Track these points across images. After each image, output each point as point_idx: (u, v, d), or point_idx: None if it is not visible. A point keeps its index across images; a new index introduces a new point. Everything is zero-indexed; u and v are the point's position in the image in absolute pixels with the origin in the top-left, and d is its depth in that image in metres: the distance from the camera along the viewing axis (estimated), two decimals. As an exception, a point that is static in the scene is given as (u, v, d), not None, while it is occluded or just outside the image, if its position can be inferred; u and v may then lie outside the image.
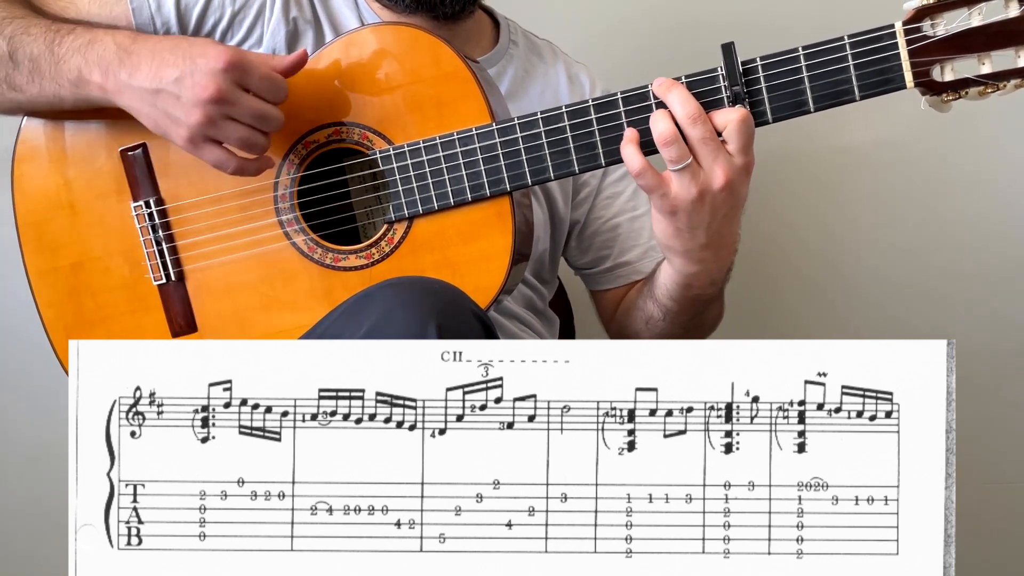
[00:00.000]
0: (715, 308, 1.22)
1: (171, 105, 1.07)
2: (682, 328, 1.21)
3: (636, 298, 1.27)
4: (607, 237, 1.34)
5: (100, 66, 1.09)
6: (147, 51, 1.08)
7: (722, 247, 1.09)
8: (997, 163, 1.70)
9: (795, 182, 1.72)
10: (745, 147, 1.01)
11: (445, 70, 1.12)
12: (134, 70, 1.08)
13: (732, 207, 1.04)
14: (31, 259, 1.22)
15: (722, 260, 1.11)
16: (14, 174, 1.22)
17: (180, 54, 1.06)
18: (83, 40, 1.11)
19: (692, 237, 1.05)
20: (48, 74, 1.12)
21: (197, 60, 1.05)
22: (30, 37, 1.13)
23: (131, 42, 1.10)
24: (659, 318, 1.20)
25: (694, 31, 1.67)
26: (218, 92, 1.05)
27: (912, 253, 1.73)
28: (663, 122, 1.02)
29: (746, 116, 1.01)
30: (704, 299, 1.16)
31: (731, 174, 1.01)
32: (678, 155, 1.01)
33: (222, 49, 1.05)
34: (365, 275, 1.14)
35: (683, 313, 1.18)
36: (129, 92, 1.09)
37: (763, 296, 1.73)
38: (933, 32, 0.98)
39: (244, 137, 1.08)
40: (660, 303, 1.18)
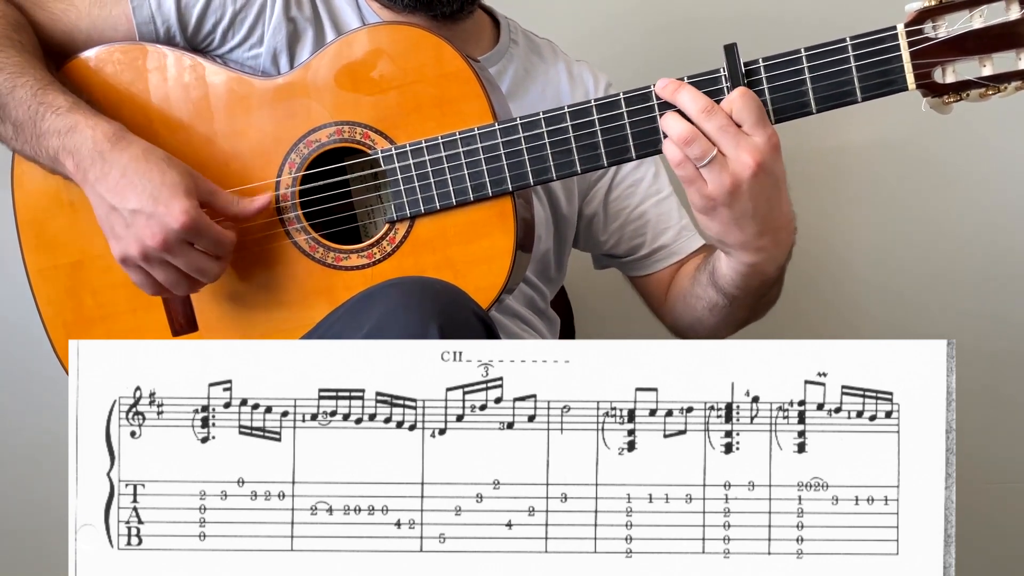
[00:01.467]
0: (777, 287, 1.20)
1: (119, 225, 1.10)
2: (748, 310, 1.20)
3: (691, 285, 1.25)
4: (637, 224, 1.34)
5: (74, 157, 1.10)
6: (120, 166, 1.09)
7: (779, 230, 1.07)
8: (997, 164, 1.71)
9: (795, 182, 1.71)
10: (758, 121, 1.00)
11: (447, 69, 1.12)
12: (102, 177, 1.09)
13: (773, 186, 1.02)
14: (31, 257, 1.22)
15: (782, 242, 1.08)
16: (14, 172, 1.22)
17: (148, 190, 1.08)
18: (64, 124, 1.11)
19: (742, 229, 1.04)
20: (30, 141, 1.13)
21: (159, 207, 1.07)
22: (15, 100, 1.13)
23: (109, 146, 1.10)
24: (724, 304, 1.18)
25: (696, 31, 1.68)
26: (164, 244, 1.08)
27: (912, 253, 1.73)
28: (678, 123, 1.01)
29: (746, 91, 1.00)
30: (769, 282, 1.14)
31: (758, 155, 1.00)
32: (702, 151, 1.00)
33: (187, 208, 1.07)
34: (366, 274, 1.14)
35: (749, 297, 1.16)
36: (92, 192, 1.11)
37: (763, 296, 1.73)
38: (935, 34, 0.98)
39: (173, 281, 1.12)
40: (725, 291, 1.16)
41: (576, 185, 1.34)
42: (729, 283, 1.14)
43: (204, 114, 1.17)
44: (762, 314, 1.24)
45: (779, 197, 1.05)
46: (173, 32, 1.21)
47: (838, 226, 1.73)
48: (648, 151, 1.06)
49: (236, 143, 1.16)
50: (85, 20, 1.21)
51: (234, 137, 1.16)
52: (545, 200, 1.30)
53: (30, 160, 1.16)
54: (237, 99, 1.17)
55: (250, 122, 1.16)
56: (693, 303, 1.25)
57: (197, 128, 1.17)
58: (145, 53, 1.19)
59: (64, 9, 1.21)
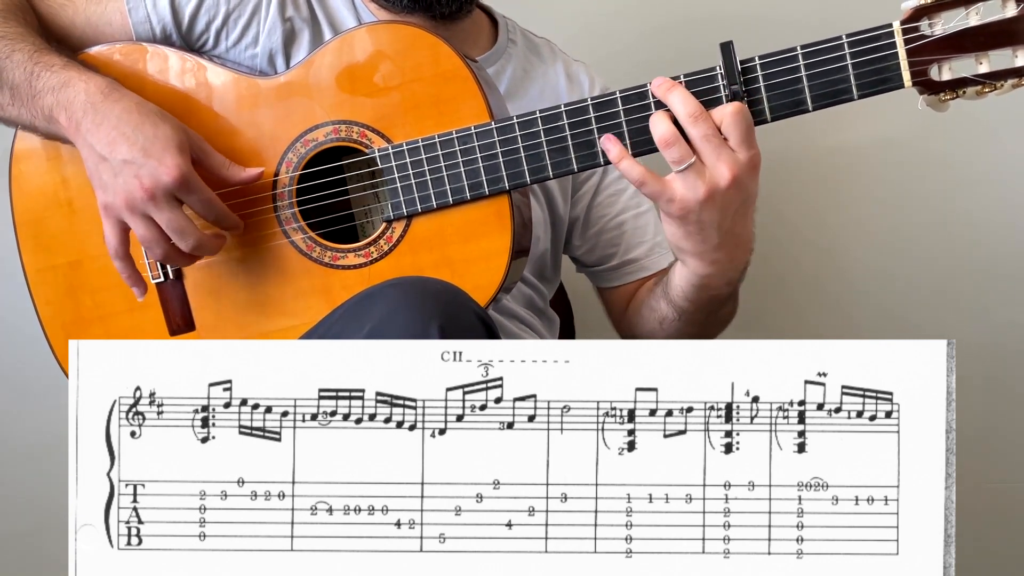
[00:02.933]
0: (729, 306, 1.21)
1: (107, 175, 1.09)
2: (698, 327, 1.20)
3: (647, 297, 1.26)
4: (613, 235, 1.34)
5: (68, 110, 1.10)
6: (113, 116, 1.09)
7: (736, 246, 1.07)
8: (996, 162, 1.71)
9: (794, 182, 1.72)
10: (745, 139, 1.01)
11: (444, 69, 1.11)
12: (93, 128, 1.09)
13: (743, 203, 1.03)
14: (29, 257, 1.22)
15: (737, 260, 1.09)
16: (12, 173, 1.22)
17: (140, 140, 1.07)
18: (59, 80, 1.11)
19: (704, 239, 1.04)
20: (25, 104, 1.13)
21: (150, 159, 1.06)
22: (12, 63, 1.13)
23: (102, 98, 1.10)
24: (674, 318, 1.19)
25: (693, 30, 1.67)
26: (151, 195, 1.07)
27: (912, 252, 1.73)
28: (663, 124, 1.01)
29: (740, 108, 1.00)
30: (720, 298, 1.15)
31: (737, 170, 1.00)
32: (680, 156, 1.01)
33: (179, 162, 1.07)
34: (364, 274, 1.14)
35: (698, 312, 1.17)
36: (84, 144, 1.10)
37: (763, 296, 1.73)
38: (931, 32, 0.99)
39: (150, 239, 1.10)
40: (675, 304, 1.17)
41: (570, 185, 1.34)
42: (679, 295, 1.15)
43: (201, 113, 1.17)
44: (714, 333, 1.24)
45: (746, 215, 1.06)
46: (169, 31, 1.21)
47: (838, 225, 1.73)
48: (645, 150, 1.06)
49: (233, 142, 1.16)
50: (81, 17, 1.21)
51: (231, 136, 1.16)
52: (543, 199, 1.30)
53: (27, 128, 1.17)
54: (234, 98, 1.17)
55: (247, 121, 1.16)
56: (647, 315, 1.26)
57: (194, 127, 1.17)
58: (144, 53, 1.19)
59: (62, 4, 1.21)
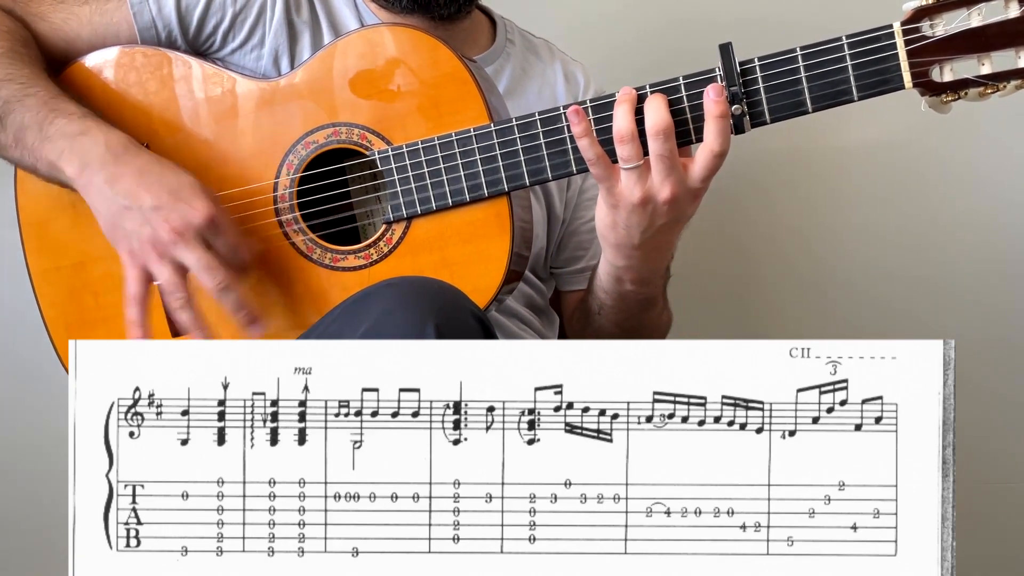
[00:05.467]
0: (653, 312, 1.22)
1: (133, 223, 1.08)
2: (618, 328, 1.21)
3: (584, 298, 1.27)
4: (584, 239, 1.34)
5: (81, 160, 1.10)
6: (134, 168, 1.09)
7: (655, 250, 1.09)
8: (997, 164, 1.70)
9: (794, 182, 1.72)
10: (705, 178, 1.02)
11: (444, 71, 1.12)
12: (114, 180, 1.09)
13: (674, 220, 1.05)
14: (33, 259, 1.22)
15: (652, 262, 1.11)
16: (17, 174, 1.22)
17: (166, 187, 1.08)
18: (76, 128, 1.11)
19: (627, 234, 1.06)
20: (29, 148, 1.13)
21: (180, 202, 1.07)
22: (23, 107, 1.13)
23: (122, 150, 1.10)
24: (595, 312, 1.21)
25: (692, 31, 1.67)
26: (180, 236, 1.06)
27: (911, 253, 1.72)
28: (623, 120, 1.02)
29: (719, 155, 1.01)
30: (638, 299, 1.16)
31: (679, 190, 1.02)
32: (629, 155, 1.02)
33: (208, 204, 1.07)
34: (364, 275, 1.14)
35: (616, 311, 1.18)
36: (100, 195, 1.09)
37: (762, 295, 1.73)
38: (932, 32, 0.98)
39: (172, 284, 1.08)
40: (596, 297, 1.19)
41: (567, 184, 1.34)
42: (599, 285, 1.17)
43: (202, 116, 1.18)
44: (635, 337, 1.24)
45: (674, 229, 1.08)
46: (174, 35, 1.21)
47: (837, 226, 1.73)
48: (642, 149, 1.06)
49: (234, 145, 1.16)
50: (87, 29, 1.22)
51: (232, 139, 1.16)
52: (542, 198, 1.30)
53: (26, 168, 1.17)
54: (235, 101, 1.17)
55: (248, 124, 1.17)
56: (580, 315, 1.28)
57: (195, 129, 1.17)
58: (144, 55, 1.20)
59: (65, 19, 1.22)
